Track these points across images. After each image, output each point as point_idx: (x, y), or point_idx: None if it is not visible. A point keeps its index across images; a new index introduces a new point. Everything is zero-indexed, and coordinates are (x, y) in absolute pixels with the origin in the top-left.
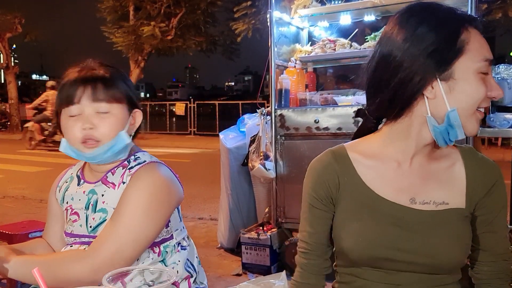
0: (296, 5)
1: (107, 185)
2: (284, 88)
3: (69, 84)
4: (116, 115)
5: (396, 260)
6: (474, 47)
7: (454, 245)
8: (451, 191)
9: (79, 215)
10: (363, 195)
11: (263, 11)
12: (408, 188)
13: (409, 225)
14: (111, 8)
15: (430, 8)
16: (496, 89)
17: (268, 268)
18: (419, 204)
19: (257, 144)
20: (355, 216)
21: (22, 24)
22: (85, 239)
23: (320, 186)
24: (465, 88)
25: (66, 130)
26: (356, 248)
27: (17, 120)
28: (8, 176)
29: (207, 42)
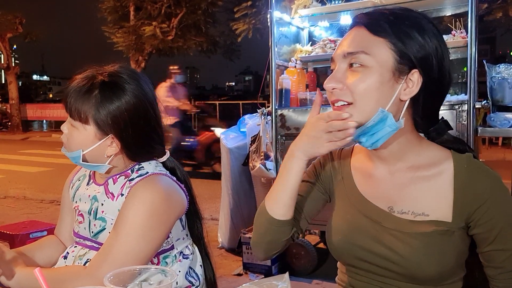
0: (296, 5)
1: (107, 195)
2: (284, 88)
3: (65, 94)
4: (78, 132)
5: (372, 263)
6: None
7: (428, 259)
8: (434, 203)
9: (83, 217)
10: (353, 196)
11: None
12: (388, 196)
13: (386, 230)
14: (111, 8)
15: None
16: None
17: (269, 268)
18: (397, 213)
19: (257, 144)
20: (343, 214)
21: (23, 24)
22: (87, 242)
23: (322, 168)
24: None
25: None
26: (337, 245)
27: (18, 120)
28: (9, 176)
29: (208, 42)
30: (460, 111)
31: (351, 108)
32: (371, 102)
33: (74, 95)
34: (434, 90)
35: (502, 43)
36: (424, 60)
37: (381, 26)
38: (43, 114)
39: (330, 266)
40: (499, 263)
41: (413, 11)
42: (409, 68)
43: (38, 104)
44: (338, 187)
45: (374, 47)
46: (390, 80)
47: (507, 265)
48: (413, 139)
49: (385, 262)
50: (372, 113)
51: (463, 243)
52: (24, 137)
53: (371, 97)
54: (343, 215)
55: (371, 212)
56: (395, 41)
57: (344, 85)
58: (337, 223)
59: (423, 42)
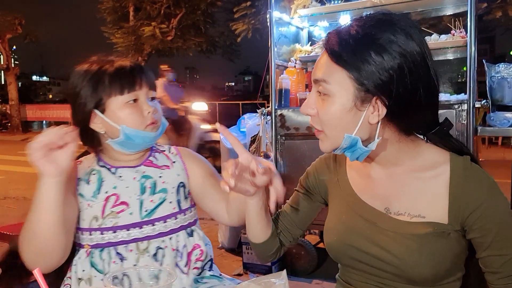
0: (296, 5)
1: (160, 168)
2: (284, 88)
3: (122, 73)
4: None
5: (367, 264)
6: None
7: (424, 260)
8: (431, 204)
9: (128, 203)
10: (348, 196)
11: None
12: (382, 197)
13: (381, 231)
14: (111, 9)
15: None
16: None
17: (269, 268)
18: (394, 214)
19: (257, 144)
20: (338, 215)
21: (23, 25)
22: (135, 229)
23: (313, 177)
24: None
25: (126, 116)
26: (333, 246)
27: (18, 121)
28: (9, 177)
29: (207, 43)
30: (459, 110)
31: (322, 135)
32: (337, 130)
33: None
34: (405, 107)
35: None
36: (384, 85)
37: (340, 54)
38: (43, 115)
39: (330, 266)
40: (497, 268)
41: (384, 24)
42: (371, 95)
43: (38, 105)
44: (334, 188)
45: (334, 76)
46: (353, 109)
47: (505, 270)
48: (405, 146)
49: (380, 263)
50: (340, 139)
51: (460, 245)
52: (24, 138)
53: (335, 125)
54: (339, 216)
55: (367, 213)
56: (352, 70)
57: (315, 111)
58: (333, 224)
59: (384, 65)
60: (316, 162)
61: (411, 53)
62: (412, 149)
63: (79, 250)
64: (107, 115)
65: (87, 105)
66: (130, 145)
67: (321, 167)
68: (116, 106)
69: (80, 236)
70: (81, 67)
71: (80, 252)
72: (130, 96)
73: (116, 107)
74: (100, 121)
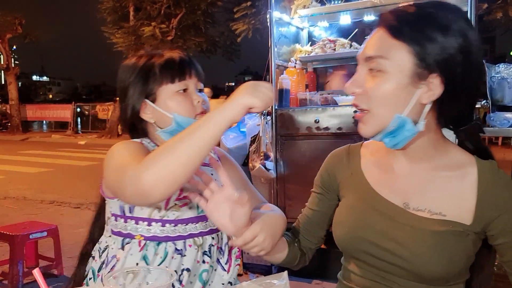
0: (296, 5)
1: (209, 166)
2: (284, 88)
3: (172, 62)
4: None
5: (380, 258)
6: None
7: (438, 258)
8: (454, 204)
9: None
10: (362, 190)
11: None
12: (403, 192)
13: (398, 226)
14: (111, 9)
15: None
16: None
17: (269, 268)
18: (413, 210)
19: (257, 144)
20: (352, 209)
21: (23, 25)
22: (192, 224)
23: (325, 173)
24: None
25: (178, 104)
26: (346, 239)
27: (18, 121)
28: (9, 177)
29: (207, 43)
30: None
31: (367, 115)
32: (388, 109)
33: (195, 63)
34: (458, 91)
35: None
36: (445, 63)
37: (401, 29)
38: (43, 115)
39: (330, 266)
40: None
41: (443, 7)
42: (429, 72)
43: (38, 105)
44: (347, 182)
45: (392, 52)
46: (408, 85)
47: None
48: (437, 140)
49: (393, 257)
50: (389, 119)
51: (475, 248)
52: (23, 138)
53: (387, 103)
54: (351, 209)
55: (382, 206)
56: (414, 45)
57: (363, 90)
58: (344, 217)
59: (446, 44)
60: (328, 159)
61: (471, 38)
62: (441, 145)
63: (129, 242)
64: (158, 104)
65: (138, 95)
66: None
67: (333, 162)
68: (166, 95)
69: (133, 226)
70: (129, 60)
71: (131, 243)
72: (180, 85)
73: (166, 96)
74: (150, 111)
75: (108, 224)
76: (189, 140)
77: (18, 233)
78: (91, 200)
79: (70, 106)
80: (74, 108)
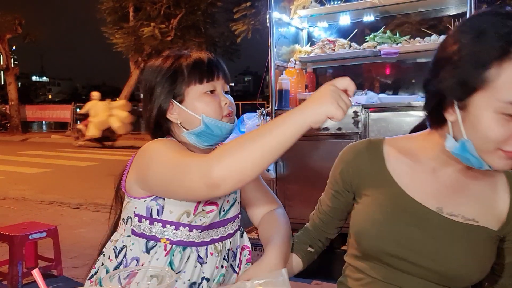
0: (296, 6)
1: None
2: (284, 88)
3: (201, 63)
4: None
5: (408, 261)
6: (503, 85)
7: (471, 262)
8: (486, 211)
9: (217, 203)
10: (390, 191)
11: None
12: (436, 196)
13: (431, 229)
14: (111, 9)
15: (478, 22)
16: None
17: None
18: (447, 215)
19: None
20: (378, 208)
21: (22, 25)
22: (214, 230)
23: (346, 168)
24: (476, 125)
25: (206, 105)
26: (371, 239)
27: (17, 121)
28: (9, 178)
29: (207, 43)
30: None
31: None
32: None
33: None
34: None
35: None
36: None
37: None
38: (43, 115)
39: (330, 266)
40: None
41: None
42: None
43: (38, 105)
44: (370, 180)
45: None
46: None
47: None
48: None
49: (426, 261)
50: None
51: (495, 250)
52: (23, 138)
53: None
54: (380, 208)
55: (414, 209)
56: None
57: None
58: (372, 216)
59: None
60: (346, 154)
61: None
62: None
63: (154, 245)
64: (185, 105)
65: (165, 96)
66: (207, 136)
67: (352, 157)
68: (194, 96)
69: (159, 229)
70: (155, 61)
71: (157, 247)
72: (208, 86)
73: (194, 97)
74: (177, 111)
75: (129, 224)
76: (265, 137)
77: (18, 234)
78: (90, 200)
79: (70, 106)
80: (74, 109)
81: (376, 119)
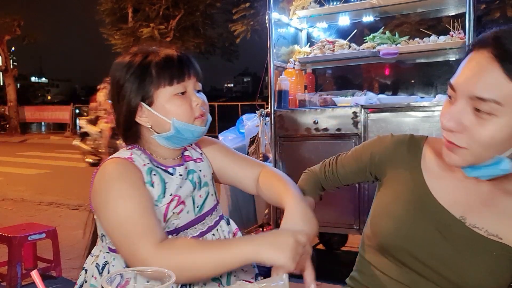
0: (295, 6)
1: (196, 162)
2: (283, 89)
3: (170, 63)
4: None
5: (424, 263)
6: None
7: (487, 278)
8: (510, 227)
9: (185, 202)
10: (418, 190)
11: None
12: (462, 205)
13: (452, 237)
14: (109, 10)
15: None
16: None
17: (268, 269)
18: (470, 226)
19: (256, 145)
20: (404, 205)
21: (21, 26)
22: (192, 228)
23: (376, 155)
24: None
25: (176, 108)
26: (391, 234)
27: (16, 122)
28: (7, 179)
29: (206, 44)
30: None
31: (464, 151)
32: (491, 151)
33: (194, 61)
34: None
35: None
36: None
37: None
38: (42, 116)
39: (329, 267)
40: None
41: None
42: None
43: (37, 106)
44: (401, 174)
45: (509, 96)
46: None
47: None
48: None
49: (441, 266)
50: (487, 158)
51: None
52: (22, 139)
53: (492, 147)
54: (404, 204)
55: (438, 213)
56: None
57: (463, 128)
58: (395, 210)
59: None
60: (385, 141)
61: None
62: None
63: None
64: (155, 108)
65: (133, 98)
66: (177, 140)
67: (392, 148)
68: (164, 98)
69: None
70: (122, 59)
71: None
72: (179, 87)
73: (164, 99)
74: (146, 114)
75: (104, 241)
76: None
77: (17, 235)
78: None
79: (68, 107)
80: (73, 110)
81: (375, 120)
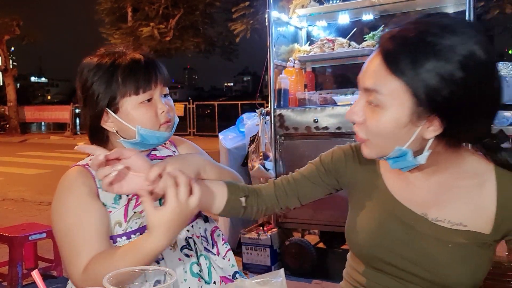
0: (294, 5)
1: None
2: (283, 88)
3: (137, 70)
4: (170, 98)
5: (398, 267)
6: None
7: (461, 268)
8: (473, 213)
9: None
10: (383, 197)
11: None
12: (420, 202)
13: (418, 235)
14: (109, 10)
15: None
16: None
17: (268, 268)
18: (432, 220)
19: (256, 144)
20: (368, 213)
21: (20, 26)
22: None
23: (333, 162)
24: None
25: (141, 116)
26: (364, 246)
27: (16, 122)
28: (8, 179)
29: (206, 43)
30: None
31: (368, 143)
32: (388, 142)
33: (160, 65)
34: (467, 122)
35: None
36: (446, 102)
37: (398, 63)
38: (41, 116)
39: (330, 266)
40: None
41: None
42: (429, 112)
43: (36, 106)
44: (363, 185)
45: (389, 88)
46: (408, 124)
47: None
48: (449, 155)
49: (415, 267)
50: (390, 150)
51: (493, 255)
52: (22, 139)
53: (387, 139)
54: (371, 214)
55: (403, 215)
56: (411, 83)
57: (362, 120)
58: (364, 222)
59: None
60: (342, 149)
61: (483, 67)
62: (454, 158)
63: None
64: (120, 115)
65: (99, 103)
66: (143, 145)
67: (348, 157)
68: (129, 106)
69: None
70: (90, 60)
71: None
72: (144, 96)
73: (129, 107)
74: (112, 120)
75: None
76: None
77: (17, 235)
78: None
79: (68, 107)
80: (73, 110)
81: None
